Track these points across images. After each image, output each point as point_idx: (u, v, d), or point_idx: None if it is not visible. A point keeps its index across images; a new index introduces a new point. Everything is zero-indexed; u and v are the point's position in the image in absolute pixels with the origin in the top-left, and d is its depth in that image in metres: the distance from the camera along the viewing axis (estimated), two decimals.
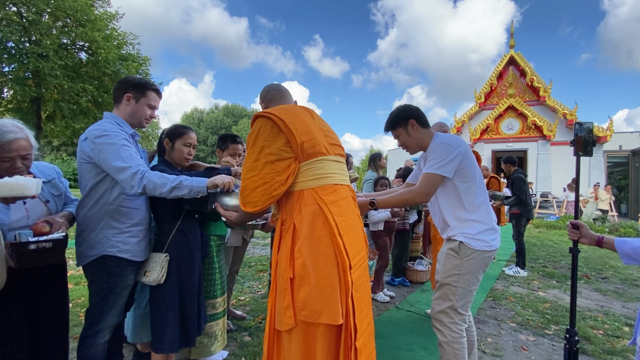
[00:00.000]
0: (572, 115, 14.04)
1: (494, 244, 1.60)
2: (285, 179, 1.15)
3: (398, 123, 1.73)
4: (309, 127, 1.20)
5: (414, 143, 1.74)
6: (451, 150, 1.56)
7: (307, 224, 1.13)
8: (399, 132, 1.75)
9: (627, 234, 8.36)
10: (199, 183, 1.49)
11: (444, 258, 1.65)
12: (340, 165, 1.28)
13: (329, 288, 1.08)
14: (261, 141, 1.18)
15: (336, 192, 1.19)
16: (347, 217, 1.18)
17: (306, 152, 1.17)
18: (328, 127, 1.35)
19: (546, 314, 3.06)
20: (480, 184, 1.64)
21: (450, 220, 1.63)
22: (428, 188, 1.56)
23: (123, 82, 1.60)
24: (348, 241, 1.13)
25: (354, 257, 1.14)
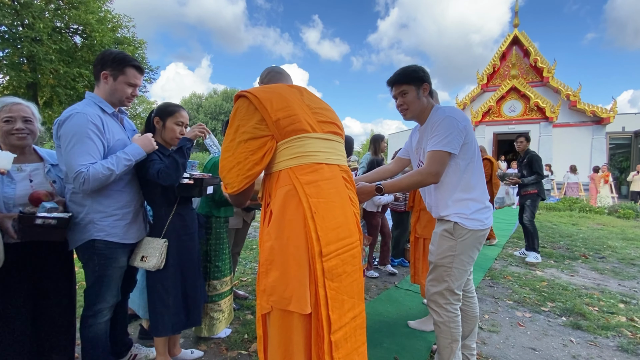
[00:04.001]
0: (575, 96, 13.84)
1: (488, 222, 1.60)
2: (260, 158, 1.11)
3: (413, 80, 1.60)
4: (288, 103, 1.14)
5: (417, 108, 1.63)
6: (456, 125, 1.50)
7: (279, 205, 1.10)
8: (408, 90, 1.60)
9: (627, 215, 8.40)
10: (134, 150, 1.52)
11: (438, 239, 1.65)
12: (331, 144, 1.21)
13: (298, 275, 1.05)
14: (237, 120, 1.15)
15: (317, 171, 1.12)
16: (328, 199, 1.11)
17: (284, 130, 1.11)
18: (321, 105, 1.29)
19: (543, 292, 3.11)
20: (479, 161, 1.63)
21: (445, 200, 1.61)
22: (437, 167, 1.48)
23: (100, 58, 1.54)
24: (325, 225, 1.07)
25: (330, 244, 1.08)
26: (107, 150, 1.49)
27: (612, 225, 7.45)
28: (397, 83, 1.65)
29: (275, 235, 1.09)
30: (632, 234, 6.30)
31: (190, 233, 1.80)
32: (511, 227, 6.89)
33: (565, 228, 6.97)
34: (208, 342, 2.14)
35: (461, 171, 1.58)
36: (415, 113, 1.67)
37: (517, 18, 15.26)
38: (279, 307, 1.07)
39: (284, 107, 1.13)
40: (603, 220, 8.06)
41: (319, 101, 1.31)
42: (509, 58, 15.53)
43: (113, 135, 1.53)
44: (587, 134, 14.11)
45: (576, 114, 14.23)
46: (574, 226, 7.31)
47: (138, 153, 1.53)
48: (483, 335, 2.30)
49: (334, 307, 1.07)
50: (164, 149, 1.77)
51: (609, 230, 6.80)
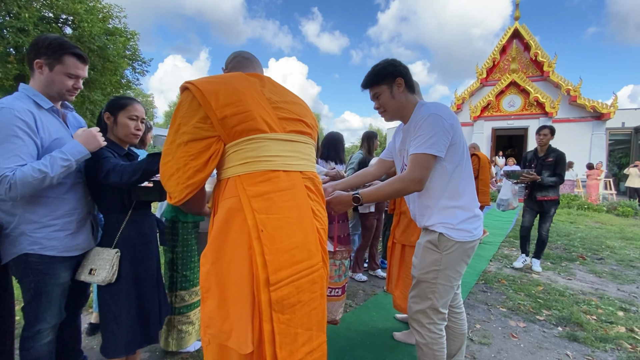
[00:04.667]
0: (575, 91, 13.63)
1: (477, 232, 1.43)
2: (203, 163, 0.92)
3: (383, 79, 1.43)
4: (240, 97, 0.95)
5: (395, 107, 1.45)
6: (442, 123, 1.31)
7: (221, 222, 0.92)
8: (380, 91, 1.44)
9: (626, 213, 8.27)
10: (72, 148, 1.30)
11: (422, 251, 1.47)
12: (294, 147, 1.03)
13: (238, 306, 0.87)
14: (178, 118, 0.95)
15: (270, 181, 0.94)
16: (282, 214, 0.93)
17: (232, 130, 0.93)
18: (287, 97, 1.10)
19: (538, 298, 2.96)
20: (467, 164, 1.45)
21: (430, 208, 1.43)
22: (421, 172, 1.30)
23: (33, 44, 1.33)
24: (276, 247, 0.89)
25: (282, 269, 0.90)
26: (41, 151, 1.29)
27: (611, 223, 7.32)
28: (367, 86, 1.49)
29: (213, 258, 0.91)
30: (630, 233, 6.16)
31: (147, 242, 1.62)
32: (508, 225, 6.75)
33: (563, 227, 6.83)
34: (176, 357, 1.98)
35: (448, 176, 1.40)
36: (394, 113, 1.48)
37: (518, 10, 14.96)
38: (217, 341, 0.90)
39: (234, 102, 0.94)
40: (601, 219, 7.92)
41: (285, 93, 1.11)
42: (509, 52, 15.26)
43: (49, 134, 1.33)
44: (587, 130, 13.93)
45: (576, 109, 14.03)
46: (571, 224, 7.17)
47: (78, 152, 1.31)
48: (473, 349, 2.14)
49: (284, 344, 0.89)
50: (118, 147, 1.58)
51: (607, 229, 6.67)
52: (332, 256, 1.51)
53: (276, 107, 1.03)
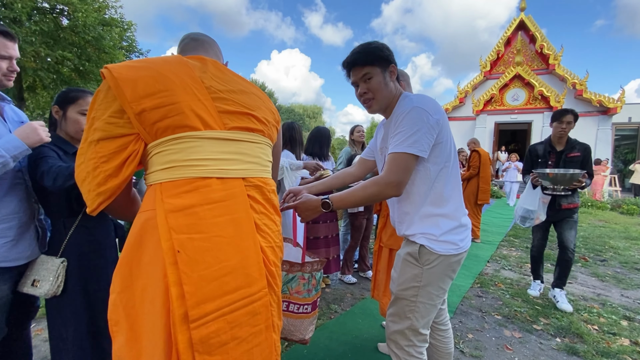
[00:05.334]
0: (582, 85, 13.27)
1: (464, 244, 1.26)
2: (116, 167, 0.76)
3: (378, 60, 1.21)
4: (167, 85, 0.77)
5: (384, 96, 1.24)
6: (426, 118, 1.13)
7: (132, 242, 0.76)
8: (372, 73, 1.21)
9: (630, 211, 8.05)
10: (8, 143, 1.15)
11: (400, 264, 1.31)
12: (238, 147, 0.85)
13: (151, 346, 0.71)
14: (93, 111, 0.78)
15: (197, 191, 0.77)
16: (212, 233, 0.76)
17: (153, 127, 0.76)
18: (236, 86, 0.91)
19: (536, 304, 2.79)
20: (454, 166, 1.27)
21: (410, 216, 1.26)
22: (399, 175, 1.12)
23: None
24: (200, 275, 0.73)
25: (207, 301, 0.73)
26: None
27: (615, 222, 7.12)
28: (358, 64, 1.24)
29: (121, 285, 0.75)
30: (635, 233, 5.96)
31: (100, 249, 1.46)
32: (507, 224, 6.57)
33: None
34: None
35: (431, 179, 1.22)
36: (382, 103, 1.26)
37: (524, 1, 14.53)
38: None
39: (157, 92, 0.77)
40: (605, 217, 7.72)
41: (234, 81, 0.93)
42: (514, 44, 14.87)
43: None
44: (593, 125, 13.60)
45: (582, 104, 13.69)
46: None
47: (14, 147, 1.15)
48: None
49: None
50: (66, 145, 1.42)
51: (611, 227, 6.47)
52: (300, 269, 1.35)
53: (218, 98, 0.85)
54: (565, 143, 2.79)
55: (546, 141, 2.90)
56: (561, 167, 2.73)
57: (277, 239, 0.92)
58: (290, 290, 1.34)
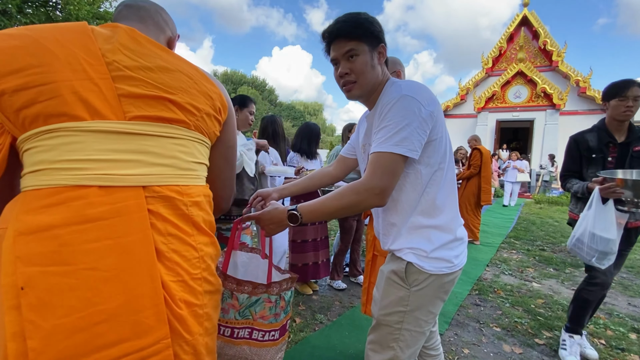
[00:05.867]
0: (585, 82, 13.02)
1: (460, 261, 1.06)
2: None
3: (366, 36, 0.99)
4: (44, 58, 0.59)
5: (370, 80, 1.02)
6: (418, 110, 0.91)
7: None
8: (358, 50, 0.99)
9: None
10: None
11: (384, 284, 1.11)
12: (139, 144, 0.65)
13: None
14: None
15: (65, 205, 0.57)
16: (82, 264, 0.56)
17: (18, 115, 0.58)
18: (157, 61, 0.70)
19: (539, 314, 2.60)
20: (450, 168, 1.07)
21: (397, 227, 1.06)
22: (383, 180, 0.91)
23: None
24: (57, 325, 0.53)
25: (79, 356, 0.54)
26: None
27: None
28: (342, 37, 1.00)
29: None
30: None
31: None
32: (508, 224, 6.37)
33: (568, 226, 6.42)
34: None
35: (423, 184, 1.02)
36: (366, 88, 1.03)
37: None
38: None
39: (26, 68, 0.58)
40: None
41: (154, 54, 0.70)
42: (516, 40, 14.59)
43: None
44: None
45: (585, 102, 13.44)
46: None
47: None
48: None
49: None
50: None
51: None
52: (266, 290, 1.15)
53: (121, 77, 0.64)
54: (628, 131, 1.91)
55: (599, 128, 2.01)
56: (629, 164, 1.88)
57: (195, 270, 0.70)
58: (254, 315, 1.14)
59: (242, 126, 2.14)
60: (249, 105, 2.11)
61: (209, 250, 0.75)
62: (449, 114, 16.22)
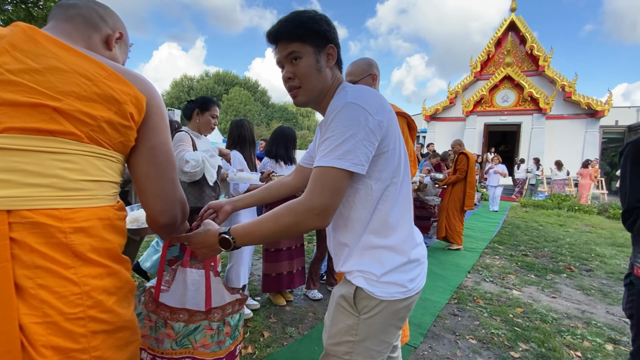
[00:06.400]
0: (570, 87, 13.22)
1: (415, 285, 0.97)
2: None
3: (309, 36, 0.90)
4: None
5: (315, 85, 0.94)
6: (365, 120, 0.82)
7: None
8: (303, 52, 0.90)
9: (617, 215, 7.93)
10: None
11: (333, 309, 1.02)
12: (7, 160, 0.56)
13: None
14: None
15: None
16: None
17: None
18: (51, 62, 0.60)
19: (516, 325, 2.55)
20: (406, 182, 0.99)
21: (347, 248, 0.98)
22: (324, 199, 0.81)
23: None
24: None
25: None
26: None
27: (602, 227, 6.98)
28: (283, 38, 0.92)
29: None
30: (621, 239, 5.81)
31: None
32: (494, 229, 6.37)
33: (552, 230, 6.47)
34: None
35: (373, 200, 0.93)
36: (312, 95, 0.95)
37: (515, 2, 14.41)
38: None
39: None
40: (592, 221, 7.59)
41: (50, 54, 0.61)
42: (504, 45, 14.76)
43: None
44: (581, 127, 13.58)
45: (570, 106, 13.65)
46: (561, 227, 6.82)
47: None
48: None
49: None
50: None
51: (597, 233, 6.32)
52: (206, 317, 1.05)
53: (1, 82, 0.56)
54: None
55: None
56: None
57: (73, 308, 0.59)
58: (194, 343, 1.04)
59: (204, 130, 2.04)
60: (211, 108, 2.01)
61: (102, 284, 0.64)
62: (438, 117, 16.32)
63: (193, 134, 2.08)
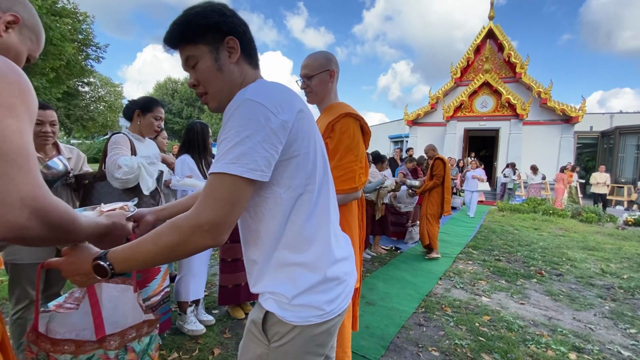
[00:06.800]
0: (546, 94, 13.58)
1: (335, 307, 0.86)
2: None
3: (199, 35, 0.81)
4: None
5: (219, 88, 0.84)
6: (265, 119, 0.71)
7: None
8: (197, 54, 0.82)
9: (589, 219, 8.12)
10: None
11: (244, 336, 0.90)
12: None
13: None
14: None
15: None
16: None
17: None
18: None
19: (481, 334, 2.48)
20: (323, 190, 0.88)
21: (257, 265, 0.86)
22: (216, 211, 0.68)
23: None
24: None
25: None
26: None
27: (574, 230, 7.10)
28: (176, 43, 0.83)
29: None
30: (593, 242, 5.91)
31: None
32: (470, 233, 6.38)
33: (527, 234, 6.53)
34: None
35: (284, 211, 0.81)
36: (223, 99, 0.85)
37: (493, 10, 14.77)
38: None
39: None
40: (566, 225, 7.72)
41: None
42: (483, 52, 15.07)
43: None
44: (556, 133, 13.95)
45: (546, 112, 14.03)
46: (535, 231, 6.90)
47: None
48: None
49: None
50: None
51: (570, 237, 6.41)
52: (100, 345, 0.90)
53: None
54: None
55: None
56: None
57: None
58: None
59: (147, 133, 1.90)
60: (154, 109, 1.87)
61: None
62: (420, 122, 16.49)
63: (134, 137, 1.93)
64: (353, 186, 1.49)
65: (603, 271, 4.25)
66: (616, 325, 2.74)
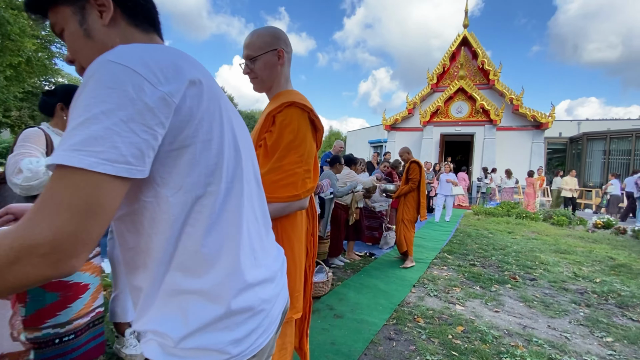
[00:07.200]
0: (518, 100, 14.00)
1: (246, 349, 0.62)
2: None
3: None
4: None
5: (91, 55, 0.58)
6: (137, 90, 0.48)
7: None
8: (60, 19, 0.61)
9: (560, 222, 8.29)
10: None
11: None
12: None
13: None
14: None
15: None
16: None
17: None
18: None
19: (454, 348, 2.31)
20: (234, 192, 0.64)
21: (142, 293, 0.61)
22: (54, 223, 0.43)
23: None
24: None
25: None
26: None
27: (546, 233, 7.20)
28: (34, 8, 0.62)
29: None
30: (564, 245, 5.97)
31: None
32: (445, 237, 6.31)
33: (501, 237, 6.54)
34: None
35: (175, 220, 0.56)
36: None
37: (467, 19, 15.16)
38: None
39: None
40: (538, 228, 7.84)
41: None
42: (458, 59, 15.41)
43: None
44: (528, 138, 14.38)
45: (518, 118, 14.45)
46: (509, 234, 6.93)
47: None
48: None
49: None
50: None
51: (542, 240, 6.47)
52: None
53: None
54: None
55: None
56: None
57: None
58: None
59: None
60: None
61: None
62: (397, 127, 16.61)
63: (54, 132, 1.65)
64: (295, 193, 1.16)
65: (576, 275, 4.23)
66: (592, 334, 2.65)
